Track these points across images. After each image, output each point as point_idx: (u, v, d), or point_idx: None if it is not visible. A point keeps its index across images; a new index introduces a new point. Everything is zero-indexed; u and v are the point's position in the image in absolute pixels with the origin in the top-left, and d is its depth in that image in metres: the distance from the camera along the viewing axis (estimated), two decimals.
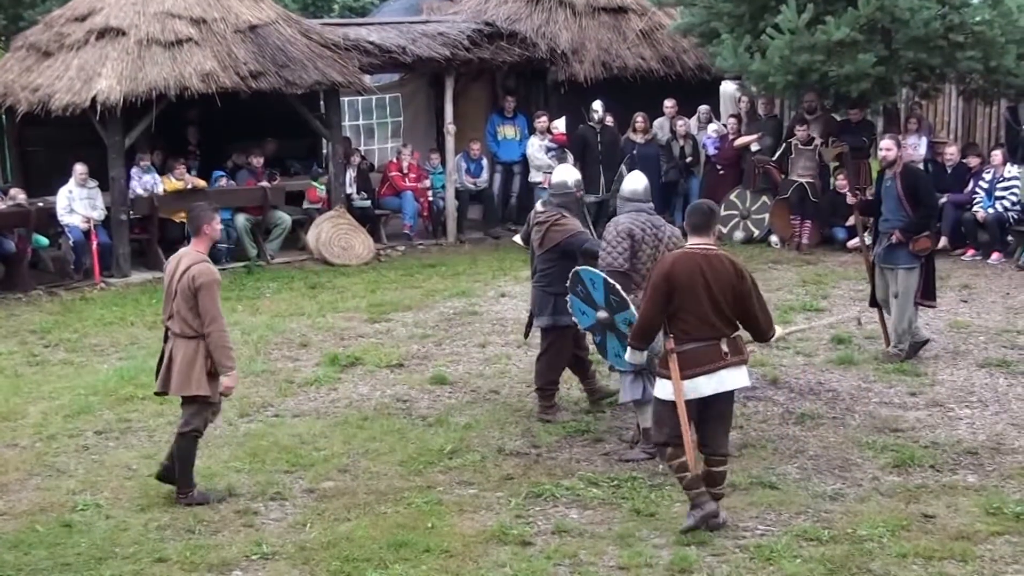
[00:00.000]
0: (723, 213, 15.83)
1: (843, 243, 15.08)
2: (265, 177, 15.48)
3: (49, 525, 7.18)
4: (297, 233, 15.80)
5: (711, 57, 16.13)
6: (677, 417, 6.74)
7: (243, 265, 14.92)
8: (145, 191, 14.59)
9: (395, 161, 16.70)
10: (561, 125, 16.63)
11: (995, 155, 14.79)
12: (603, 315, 8.06)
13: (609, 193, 15.83)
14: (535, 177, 16.59)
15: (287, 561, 6.64)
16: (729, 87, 17.41)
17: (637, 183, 8.41)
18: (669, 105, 16.79)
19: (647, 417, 7.77)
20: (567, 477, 7.79)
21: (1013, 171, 14.61)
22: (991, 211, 14.32)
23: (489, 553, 6.68)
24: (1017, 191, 14.40)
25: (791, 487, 7.51)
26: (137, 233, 14.86)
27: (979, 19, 14.36)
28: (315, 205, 15.94)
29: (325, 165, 16.49)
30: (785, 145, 15.74)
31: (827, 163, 15.78)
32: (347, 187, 16.00)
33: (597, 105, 16.17)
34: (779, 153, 15.83)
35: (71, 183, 14.18)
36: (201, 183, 14.94)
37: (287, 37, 15.38)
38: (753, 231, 15.95)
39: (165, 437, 8.35)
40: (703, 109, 17.09)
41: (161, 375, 7.47)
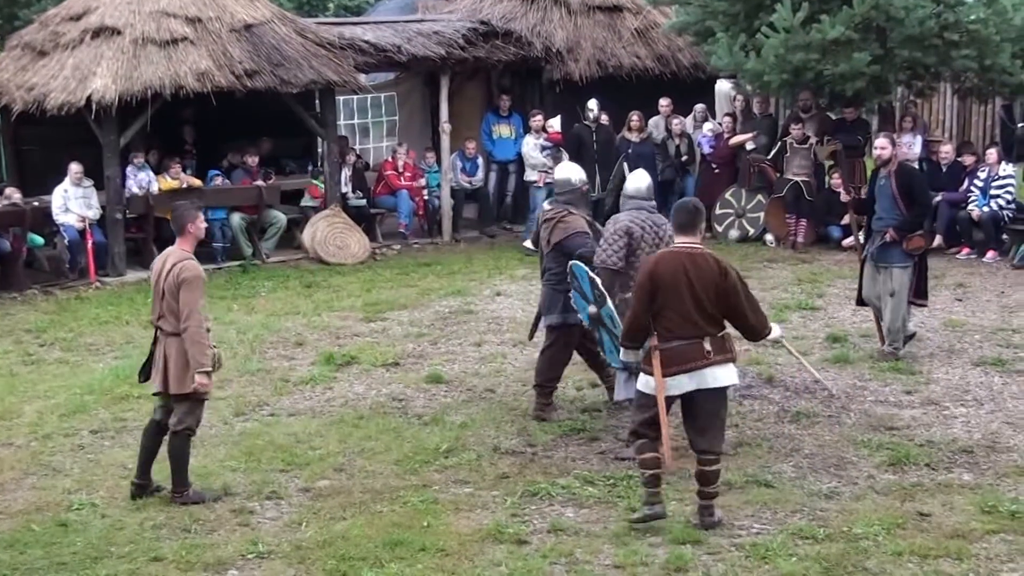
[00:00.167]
0: (718, 212, 15.86)
1: (838, 242, 15.08)
2: (260, 176, 15.48)
3: (45, 524, 7.17)
4: (292, 232, 15.80)
5: (706, 56, 16.13)
6: (656, 411, 6.77)
7: (238, 264, 14.92)
8: (140, 190, 14.58)
9: (390, 160, 16.69)
10: (556, 124, 16.62)
11: (990, 153, 14.77)
12: (592, 309, 8.15)
13: (605, 192, 15.85)
14: (530, 176, 16.60)
15: (283, 560, 6.64)
16: (724, 86, 17.43)
17: (640, 181, 8.54)
18: (664, 104, 16.77)
19: None
20: (563, 476, 7.78)
21: (1008, 169, 14.64)
22: (986, 210, 14.32)
23: (485, 552, 6.67)
24: (1012, 189, 14.43)
25: (787, 485, 7.52)
26: (133, 232, 14.84)
27: (974, 18, 14.38)
28: (317, 202, 15.93)
29: (320, 164, 16.49)
30: (780, 144, 15.76)
31: (822, 162, 15.78)
32: (343, 186, 15.98)
33: (592, 104, 16.17)
34: (774, 152, 15.87)
35: (66, 182, 14.17)
36: (197, 182, 14.94)
37: (282, 36, 15.38)
38: (748, 230, 15.95)
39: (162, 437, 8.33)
40: (698, 108, 17.10)
41: (160, 374, 7.42)
